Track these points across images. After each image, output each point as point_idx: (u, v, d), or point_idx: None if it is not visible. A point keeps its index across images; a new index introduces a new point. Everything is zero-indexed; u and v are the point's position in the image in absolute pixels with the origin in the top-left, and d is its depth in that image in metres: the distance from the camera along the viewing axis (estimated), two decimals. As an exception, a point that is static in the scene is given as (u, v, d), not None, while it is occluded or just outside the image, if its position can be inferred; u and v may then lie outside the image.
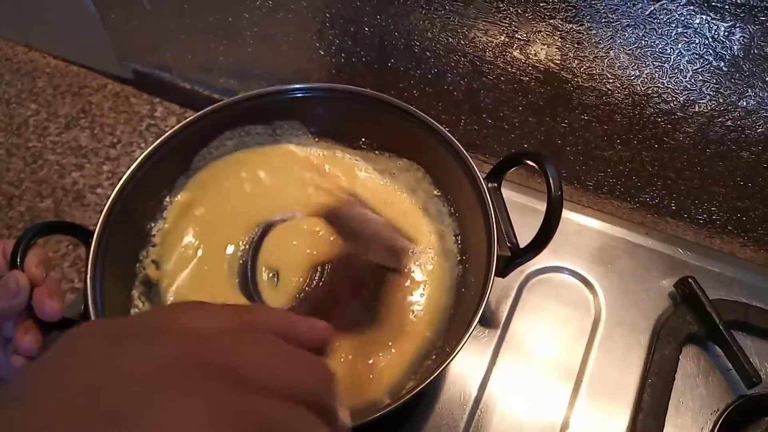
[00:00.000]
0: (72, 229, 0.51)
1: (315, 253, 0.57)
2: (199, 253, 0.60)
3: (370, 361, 0.54)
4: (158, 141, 0.55)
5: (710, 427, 0.55)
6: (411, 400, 0.44)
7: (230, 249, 0.59)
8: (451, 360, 0.46)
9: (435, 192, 0.63)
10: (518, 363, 0.60)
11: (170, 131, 0.56)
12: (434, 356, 0.53)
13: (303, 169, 0.64)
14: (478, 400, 0.57)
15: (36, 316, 0.45)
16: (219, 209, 0.62)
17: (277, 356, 0.25)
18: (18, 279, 0.44)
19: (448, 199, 0.62)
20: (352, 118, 0.63)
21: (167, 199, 0.59)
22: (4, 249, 0.46)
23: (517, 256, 0.54)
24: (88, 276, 0.48)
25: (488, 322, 0.62)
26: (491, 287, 0.50)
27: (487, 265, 0.51)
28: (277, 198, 0.63)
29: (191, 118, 0.57)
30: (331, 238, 0.57)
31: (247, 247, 0.59)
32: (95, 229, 0.50)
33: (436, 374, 0.46)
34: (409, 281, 0.59)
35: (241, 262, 0.58)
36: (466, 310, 0.51)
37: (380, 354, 0.54)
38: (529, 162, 0.54)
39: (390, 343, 0.55)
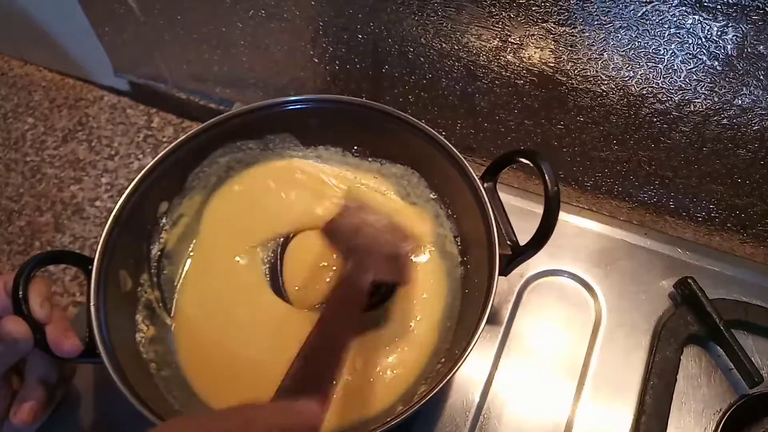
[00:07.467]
0: (70, 257, 0.51)
1: (323, 267, 0.59)
2: (204, 269, 0.60)
3: (379, 369, 0.54)
4: (151, 163, 0.56)
5: (713, 428, 0.55)
6: (421, 406, 0.45)
7: (241, 265, 0.60)
8: (463, 361, 0.46)
9: (431, 195, 0.63)
10: (520, 367, 0.60)
11: (161, 153, 0.56)
12: (443, 359, 0.53)
13: (301, 182, 0.65)
14: (480, 406, 0.57)
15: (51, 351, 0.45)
16: (220, 228, 0.62)
17: None
18: (11, 332, 0.43)
19: (445, 201, 0.62)
20: (343, 128, 0.64)
21: (164, 220, 0.60)
22: (5, 284, 0.46)
23: (518, 254, 0.54)
24: (92, 303, 0.48)
25: (489, 326, 0.62)
26: (497, 286, 0.50)
27: (490, 265, 0.52)
28: (277, 214, 0.63)
29: (181, 139, 0.57)
30: (333, 255, 0.57)
31: (264, 258, 0.61)
32: (94, 255, 0.50)
33: (449, 377, 0.46)
34: (412, 287, 0.59)
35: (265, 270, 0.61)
36: (473, 311, 0.52)
37: (390, 359, 0.55)
38: (523, 160, 0.55)
39: (398, 349, 0.55)
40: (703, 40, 0.54)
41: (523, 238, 0.55)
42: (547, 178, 0.51)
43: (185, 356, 0.55)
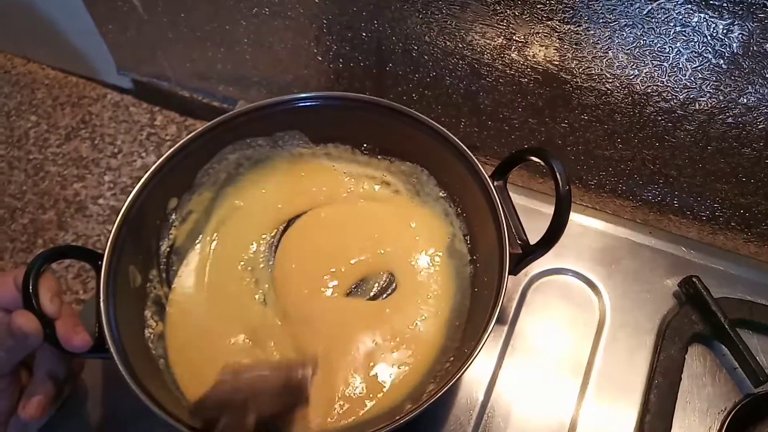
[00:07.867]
0: (81, 252, 0.51)
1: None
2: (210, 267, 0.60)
3: (385, 366, 0.54)
4: (160, 160, 0.55)
5: (718, 427, 0.55)
6: (431, 405, 0.45)
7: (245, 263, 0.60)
8: (473, 360, 0.46)
9: (441, 193, 0.63)
10: (524, 366, 0.60)
11: (170, 151, 0.56)
12: (452, 358, 0.53)
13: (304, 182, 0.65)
14: (484, 405, 0.57)
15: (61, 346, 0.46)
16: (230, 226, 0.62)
17: None
18: (21, 326, 0.43)
19: (455, 199, 0.62)
20: (352, 125, 0.64)
21: (173, 216, 0.59)
22: (15, 279, 0.46)
23: (529, 253, 0.54)
24: (101, 299, 0.48)
25: (494, 325, 0.62)
26: (506, 285, 0.50)
27: (500, 264, 0.51)
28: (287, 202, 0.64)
29: (191, 135, 0.57)
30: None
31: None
32: (104, 250, 0.50)
33: (459, 375, 0.46)
34: (418, 285, 0.59)
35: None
36: (482, 310, 0.51)
37: (396, 356, 0.55)
38: (533, 158, 0.54)
39: (404, 347, 0.55)
40: (709, 38, 0.54)
41: (529, 237, 0.55)
42: (558, 176, 0.51)
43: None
